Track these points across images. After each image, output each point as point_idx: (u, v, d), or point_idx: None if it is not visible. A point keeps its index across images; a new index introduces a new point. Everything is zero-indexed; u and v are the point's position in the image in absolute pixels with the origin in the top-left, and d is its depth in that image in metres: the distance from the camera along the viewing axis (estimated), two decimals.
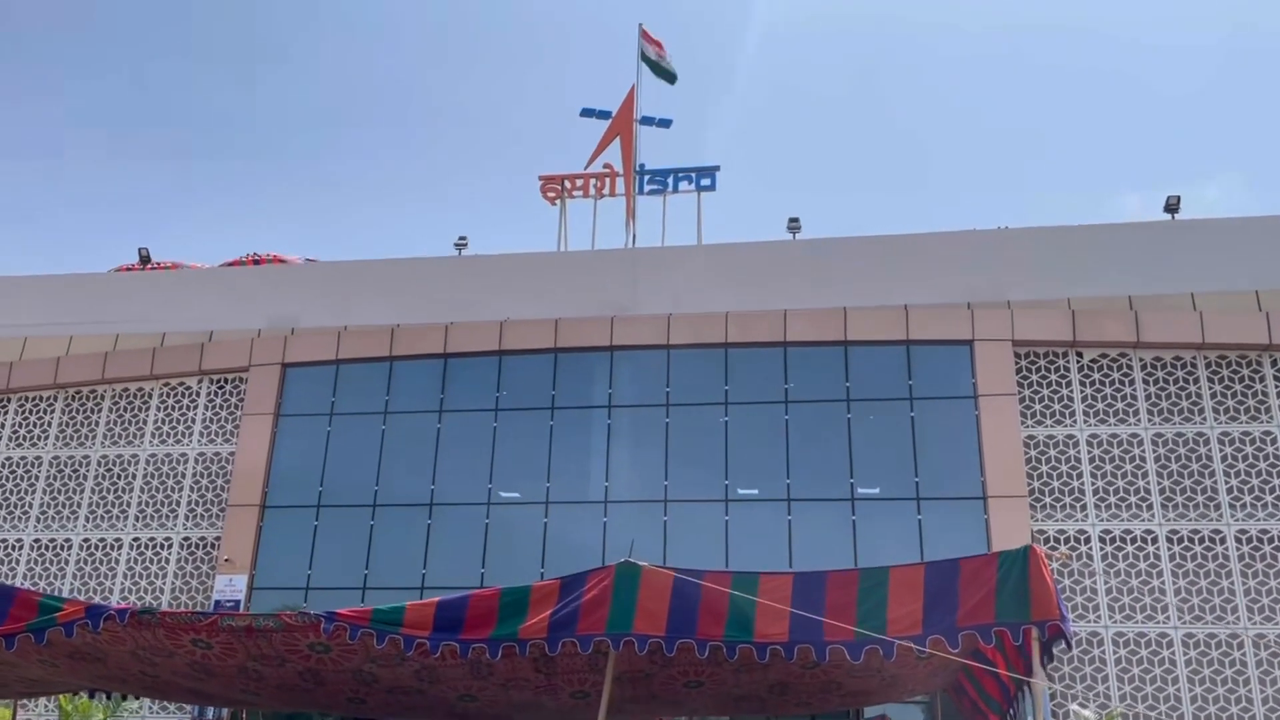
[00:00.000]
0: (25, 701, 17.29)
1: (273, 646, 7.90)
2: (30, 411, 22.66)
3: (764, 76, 60.16)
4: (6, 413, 22.74)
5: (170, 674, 8.65)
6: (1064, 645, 6.88)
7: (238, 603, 19.79)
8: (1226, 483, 18.41)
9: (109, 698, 10.62)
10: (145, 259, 24.16)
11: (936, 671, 8.55)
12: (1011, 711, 8.43)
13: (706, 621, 7.08)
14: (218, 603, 19.85)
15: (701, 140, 57.40)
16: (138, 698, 10.90)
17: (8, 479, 22.21)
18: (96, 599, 20.43)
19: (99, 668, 8.75)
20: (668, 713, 10.11)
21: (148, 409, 22.14)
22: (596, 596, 7.17)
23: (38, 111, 61.41)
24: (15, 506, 21.97)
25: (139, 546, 21.17)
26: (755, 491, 19.64)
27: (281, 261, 23.94)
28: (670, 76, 24.90)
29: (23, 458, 22.33)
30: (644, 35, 25.19)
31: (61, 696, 17.18)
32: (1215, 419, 18.81)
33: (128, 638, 7.99)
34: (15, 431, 22.58)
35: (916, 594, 7.04)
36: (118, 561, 21.14)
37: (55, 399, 22.64)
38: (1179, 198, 20.46)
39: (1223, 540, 18.07)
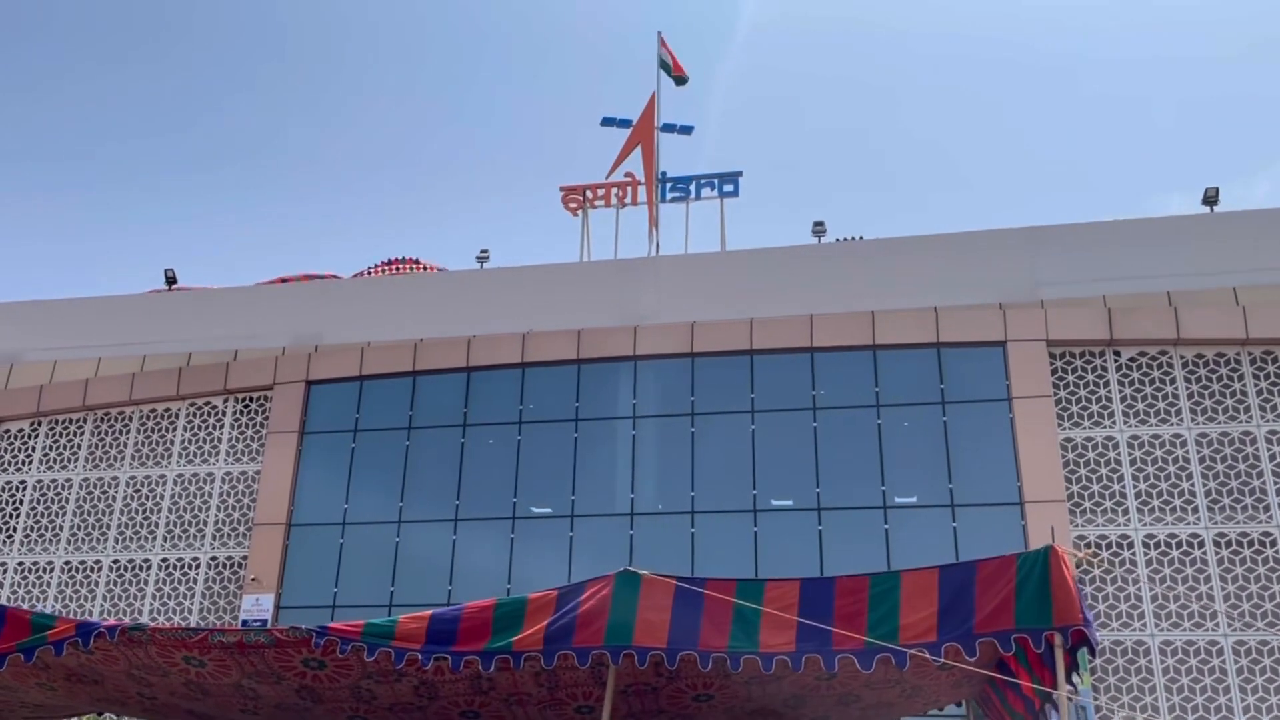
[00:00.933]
0: None
1: (266, 663, 7.68)
2: (60, 434, 22.80)
3: (787, 79, 59.84)
4: (38, 435, 22.90)
5: (167, 695, 8.45)
6: (1089, 654, 6.44)
7: (264, 622, 19.67)
8: (1276, 483, 17.69)
9: None
10: (171, 280, 24.27)
11: (961, 681, 8.11)
12: None
13: (709, 632, 6.73)
14: (245, 622, 19.74)
15: (725, 145, 57.15)
16: None
17: (39, 502, 22.34)
18: (127, 620, 20.41)
19: (97, 690, 8.57)
20: None
21: (175, 429, 22.18)
22: (594, 606, 6.86)
23: (61, 129, 62.59)
24: (46, 529, 22.08)
25: (167, 567, 21.17)
26: (789, 502, 19.20)
27: (334, 277, 23.99)
28: (681, 80, 24.70)
29: (54, 480, 22.46)
30: (663, 44, 24.98)
31: (88, 718, 17.09)
32: (1262, 417, 18.11)
33: (121, 656, 7.81)
34: (46, 454, 22.72)
35: (930, 599, 6.65)
36: (146, 582, 21.14)
37: (85, 421, 22.76)
38: (1217, 189, 19.79)
39: (1273, 543, 17.35)
